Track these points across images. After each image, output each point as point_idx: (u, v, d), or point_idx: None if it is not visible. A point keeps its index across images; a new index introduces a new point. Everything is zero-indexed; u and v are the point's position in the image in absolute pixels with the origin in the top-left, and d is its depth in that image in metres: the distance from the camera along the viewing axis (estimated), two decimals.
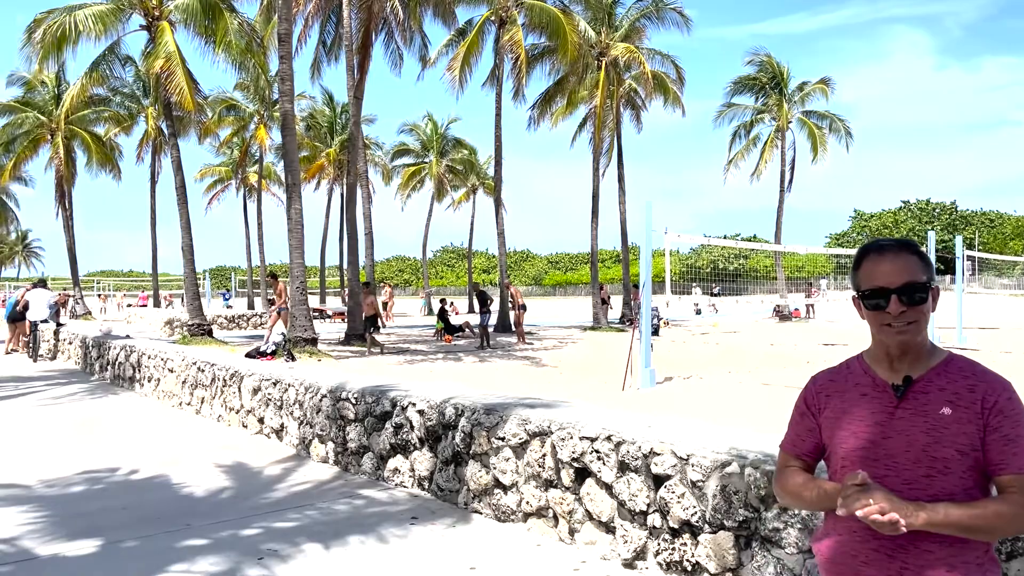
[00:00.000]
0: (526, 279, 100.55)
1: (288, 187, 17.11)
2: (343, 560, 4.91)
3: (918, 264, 1.91)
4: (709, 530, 4.18)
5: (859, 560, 1.91)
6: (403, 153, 49.61)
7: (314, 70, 26.11)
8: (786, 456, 2.14)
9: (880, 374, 1.97)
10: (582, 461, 4.94)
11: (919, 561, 1.83)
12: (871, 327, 1.96)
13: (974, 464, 1.84)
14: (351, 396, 7.18)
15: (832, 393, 2.03)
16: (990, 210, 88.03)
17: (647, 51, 28.97)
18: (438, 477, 6.15)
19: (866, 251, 1.98)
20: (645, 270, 12.57)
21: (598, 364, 16.37)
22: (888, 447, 1.89)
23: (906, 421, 1.88)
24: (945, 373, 1.91)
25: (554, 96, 29.07)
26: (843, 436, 1.97)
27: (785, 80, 34.96)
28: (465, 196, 52.48)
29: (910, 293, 1.88)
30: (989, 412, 1.84)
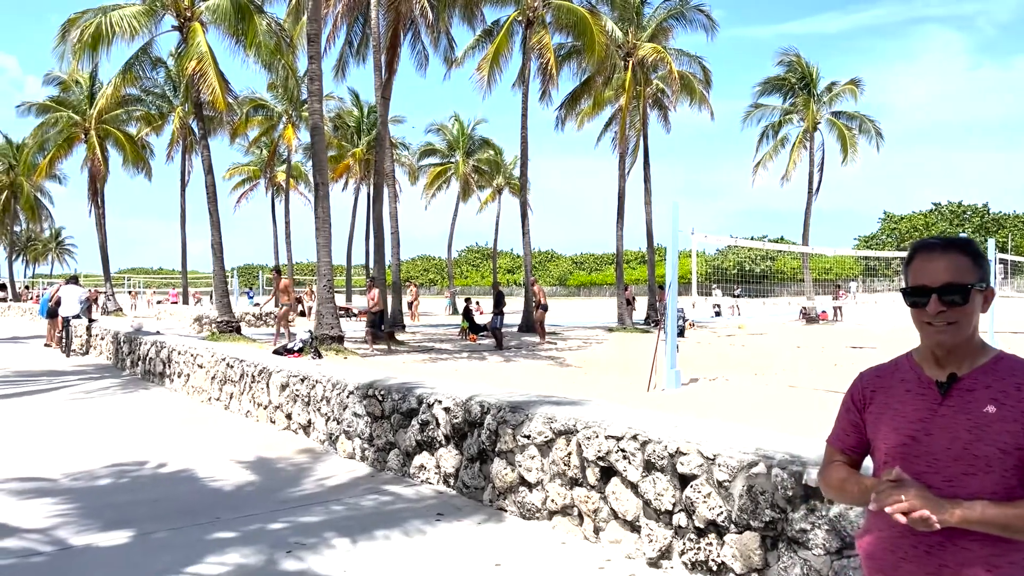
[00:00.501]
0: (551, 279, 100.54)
1: (316, 186, 17.26)
2: (370, 554, 4.96)
3: (967, 264, 1.89)
4: (735, 530, 4.17)
5: (898, 556, 1.91)
6: (430, 153, 49.88)
7: (339, 70, 26.38)
8: (831, 450, 2.15)
9: (926, 371, 1.97)
10: (607, 460, 4.94)
11: (958, 559, 1.82)
12: (914, 324, 1.96)
13: (1018, 463, 1.81)
14: (378, 393, 7.24)
15: (878, 389, 2.04)
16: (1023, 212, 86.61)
17: (674, 51, 28.89)
18: (464, 474, 6.18)
19: (918, 248, 1.98)
20: (671, 271, 12.53)
21: (623, 364, 16.35)
22: (929, 444, 1.88)
23: (949, 418, 1.88)
24: (993, 371, 1.90)
25: (580, 96, 29.05)
26: (886, 432, 1.97)
27: (814, 80, 34.64)
28: (491, 196, 52.67)
29: (950, 294, 1.87)
30: None
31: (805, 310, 33.78)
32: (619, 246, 29.77)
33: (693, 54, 29.80)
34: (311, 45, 16.95)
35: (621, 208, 29.28)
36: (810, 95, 34.48)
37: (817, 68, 34.56)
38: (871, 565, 2.00)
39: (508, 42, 25.75)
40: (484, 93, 25.27)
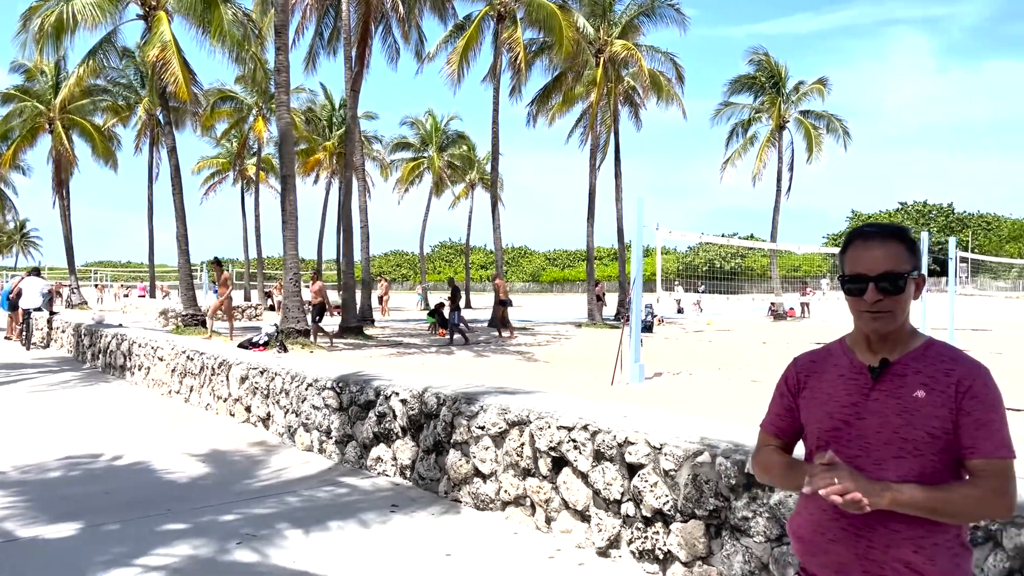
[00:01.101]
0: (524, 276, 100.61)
1: (283, 179, 17.11)
2: (322, 545, 4.94)
3: (903, 253, 1.92)
4: (681, 519, 4.22)
5: (827, 538, 1.94)
6: (402, 147, 49.61)
7: (309, 63, 26.11)
8: (765, 435, 2.17)
9: (859, 357, 1.99)
10: (559, 450, 4.98)
11: (885, 540, 1.86)
12: (851, 311, 1.98)
13: (945, 447, 1.85)
14: (335, 385, 7.21)
15: (811, 374, 2.06)
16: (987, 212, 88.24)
17: (646, 48, 28.95)
18: (419, 466, 6.18)
19: (854, 236, 1.99)
20: (636, 266, 12.60)
21: (590, 359, 16.40)
22: (861, 428, 1.91)
23: (880, 403, 1.90)
24: (923, 357, 1.93)
25: (552, 92, 29.05)
26: (819, 416, 1.99)
27: (783, 79, 34.93)
28: (464, 192, 52.56)
29: (888, 282, 1.89)
30: (963, 396, 1.85)
31: (773, 307, 34.10)
32: (589, 242, 29.83)
33: (665, 51, 29.86)
34: (278, 36, 16.78)
35: (592, 205, 29.35)
36: (779, 94, 34.77)
37: (786, 67, 34.88)
38: (801, 547, 2.03)
39: (479, 37, 25.70)
40: (454, 87, 25.22)
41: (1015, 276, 66.77)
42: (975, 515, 1.91)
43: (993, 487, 1.82)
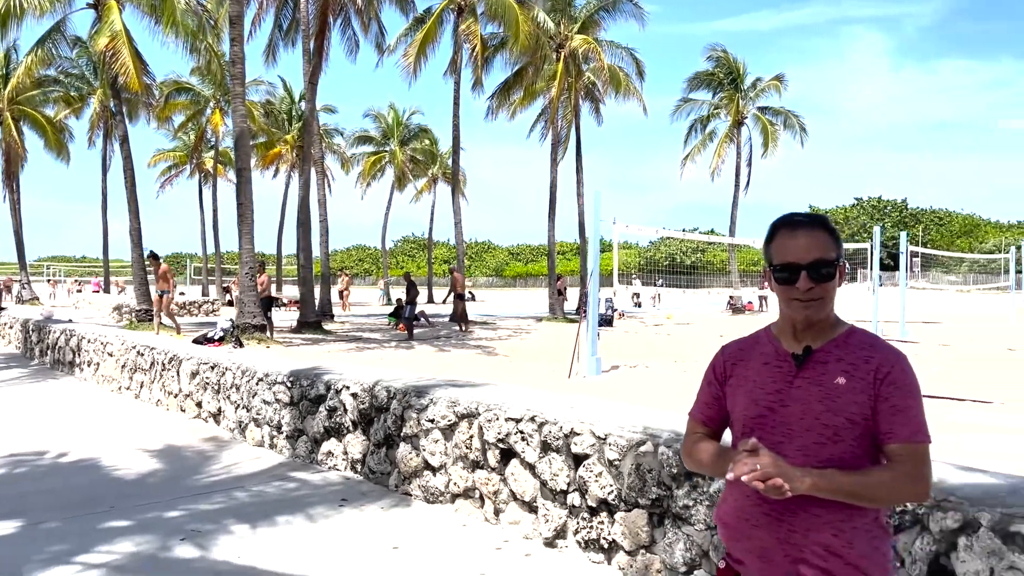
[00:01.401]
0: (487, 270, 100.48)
1: (238, 172, 16.89)
2: (268, 539, 4.90)
3: (828, 241, 1.95)
4: (624, 508, 4.25)
5: (751, 523, 1.96)
6: (364, 141, 49.27)
7: (269, 55, 25.84)
8: (693, 423, 2.18)
9: (784, 344, 2.01)
10: (507, 442, 4.99)
11: (805, 525, 1.88)
12: (779, 300, 2.00)
13: (864, 432, 1.88)
14: (286, 380, 7.15)
15: (738, 362, 2.08)
16: (939, 208, 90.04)
17: (607, 43, 29.05)
18: (370, 460, 6.15)
19: (779, 225, 2.01)
20: (592, 259, 12.67)
21: (549, 353, 16.45)
22: (785, 414, 1.94)
23: (803, 390, 1.93)
24: (845, 345, 1.96)
25: (513, 87, 29.05)
26: (744, 403, 2.02)
27: (741, 76, 35.34)
28: (427, 186, 52.35)
29: (819, 269, 1.91)
30: (881, 383, 1.88)
31: (732, 300, 34.53)
32: (551, 237, 29.92)
33: (625, 46, 30.02)
34: (233, 27, 16.54)
35: (553, 199, 29.42)
36: (737, 90, 35.21)
37: (744, 64, 35.33)
38: (726, 533, 2.06)
39: (438, 29, 25.60)
40: (410, 80, 25.09)
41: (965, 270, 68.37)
42: (892, 499, 1.95)
43: (908, 471, 1.86)
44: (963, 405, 9.68)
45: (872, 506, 1.90)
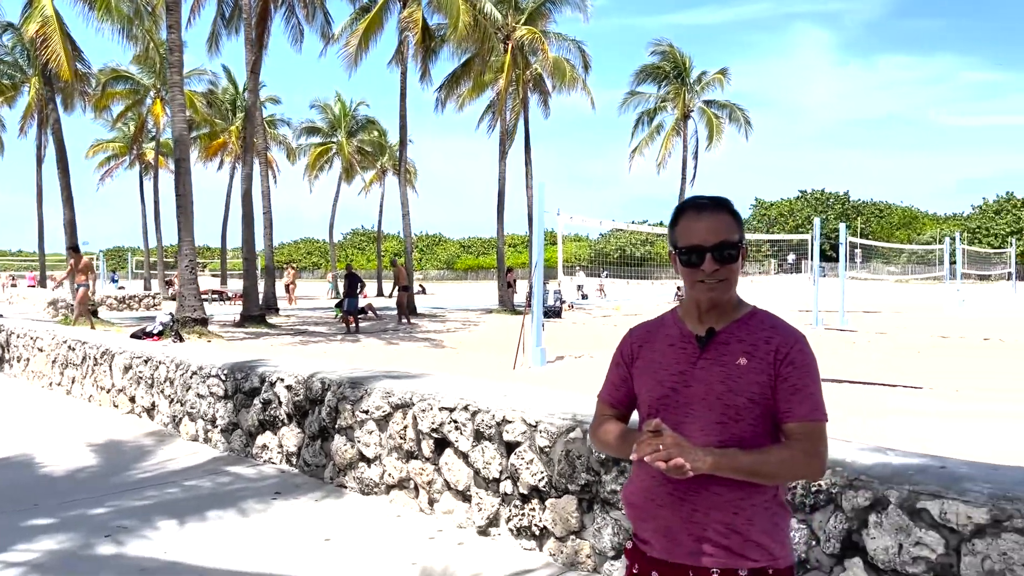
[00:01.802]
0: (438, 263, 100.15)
1: (177, 162, 16.50)
2: (197, 535, 4.81)
3: (731, 223, 1.97)
4: (555, 494, 4.27)
5: (655, 503, 1.98)
6: (311, 132, 48.64)
7: (212, 43, 25.25)
8: (602, 405, 2.20)
9: (689, 326, 2.03)
10: (441, 431, 4.97)
11: (707, 504, 1.91)
12: (685, 282, 2.02)
13: (765, 412, 1.92)
14: (220, 373, 7.02)
15: (644, 344, 2.10)
16: (880, 200, 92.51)
17: (554, 35, 29.12)
18: (305, 452, 6.08)
19: (684, 208, 2.02)
20: (537, 251, 12.70)
21: (497, 344, 16.47)
22: (688, 395, 1.96)
23: (706, 371, 1.95)
24: (746, 326, 1.99)
25: (460, 78, 28.94)
26: (650, 384, 2.04)
27: (687, 70, 35.75)
28: (375, 178, 51.91)
29: (723, 251, 1.93)
30: (781, 363, 1.91)
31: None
32: (499, 229, 29.92)
33: (572, 38, 30.14)
34: (170, 14, 16.14)
35: (501, 192, 29.42)
36: (683, 84, 35.62)
37: (690, 58, 35.77)
38: (633, 513, 2.07)
39: (382, 18, 25.34)
40: (351, 69, 24.79)
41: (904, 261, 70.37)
42: (790, 476, 1.99)
43: (805, 449, 1.89)
44: (895, 391, 9.96)
45: (771, 483, 1.93)
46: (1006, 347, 15.28)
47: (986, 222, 77.12)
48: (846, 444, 3.51)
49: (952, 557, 2.85)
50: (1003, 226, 74.14)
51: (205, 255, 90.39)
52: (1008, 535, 2.72)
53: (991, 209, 79.66)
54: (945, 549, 2.87)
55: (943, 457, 3.32)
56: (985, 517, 2.77)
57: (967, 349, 14.97)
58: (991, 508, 2.77)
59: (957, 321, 22.56)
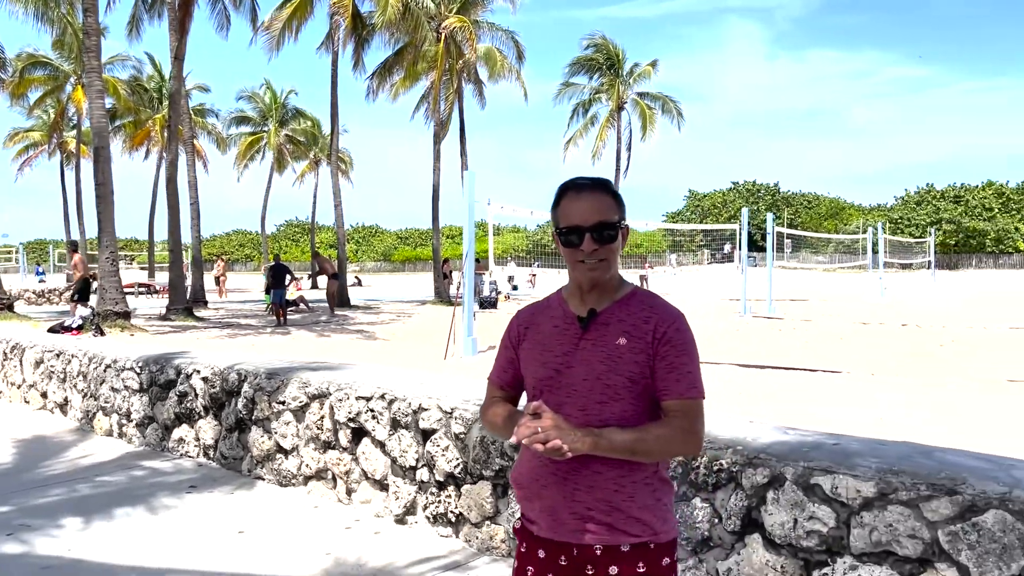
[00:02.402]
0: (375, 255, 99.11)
1: (95, 151, 15.94)
2: (104, 531, 4.66)
3: (611, 204, 1.98)
4: (470, 481, 4.28)
5: (540, 483, 1.99)
6: (241, 121, 47.56)
7: (133, 28, 24.48)
8: (492, 387, 2.20)
9: (572, 307, 2.04)
10: (358, 421, 4.92)
11: (589, 482, 1.93)
12: (567, 263, 2.02)
13: (644, 391, 1.94)
14: (135, 366, 6.82)
15: (531, 326, 2.10)
16: (808, 192, 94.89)
17: (487, 25, 29.03)
18: (222, 445, 5.96)
19: (565, 189, 2.02)
20: (467, 241, 12.67)
21: (430, 335, 16.39)
22: (570, 376, 1.97)
23: (588, 351, 1.97)
24: (626, 306, 2.00)
25: (393, 67, 28.62)
26: (535, 366, 2.04)
27: (620, 62, 36.09)
28: (309, 168, 51.10)
29: (601, 231, 1.94)
30: (659, 342, 1.94)
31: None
32: (435, 220, 29.79)
33: (506, 29, 30.09)
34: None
35: (436, 182, 29.27)
36: (617, 75, 35.94)
37: (623, 50, 36.11)
38: (520, 493, 2.08)
39: (310, 4, 24.84)
40: (271, 54, 24.27)
41: (832, 251, 72.48)
42: (667, 453, 1.99)
43: (683, 426, 1.93)
44: (815, 375, 10.26)
45: (649, 460, 1.95)
46: (922, 332, 15.88)
47: (908, 213, 79.90)
48: (748, 424, 3.59)
49: (843, 530, 2.95)
50: (923, 217, 76.92)
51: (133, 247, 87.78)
52: (893, 507, 2.82)
53: (912, 200, 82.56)
54: (836, 522, 2.96)
55: (837, 435, 3.42)
56: (872, 490, 2.87)
57: (886, 335, 15.51)
58: (878, 482, 2.87)
59: (879, 308, 23.33)
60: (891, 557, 2.83)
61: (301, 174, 51.49)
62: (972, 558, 2.65)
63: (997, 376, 9.80)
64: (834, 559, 2.97)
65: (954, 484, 2.74)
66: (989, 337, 14.74)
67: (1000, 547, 2.60)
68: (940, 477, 2.78)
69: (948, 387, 9.03)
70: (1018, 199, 78.96)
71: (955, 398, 8.30)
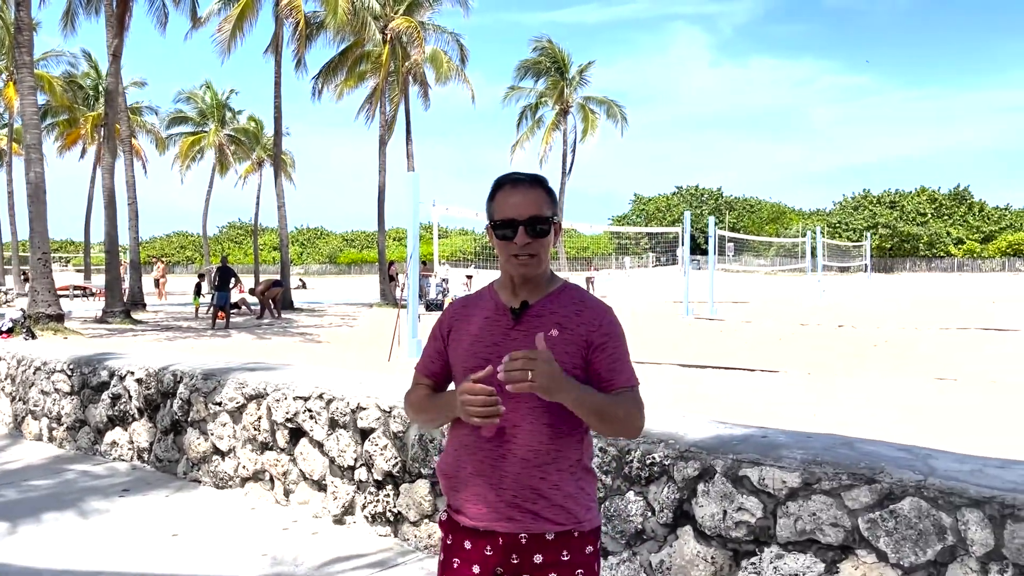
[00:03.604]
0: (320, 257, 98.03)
1: (26, 148, 15.46)
2: (31, 536, 4.53)
3: (545, 199, 2.02)
4: (409, 479, 4.27)
5: (467, 471, 2.02)
6: (180, 121, 46.53)
7: (67, 22, 23.82)
8: (418, 376, 2.22)
9: (503, 299, 2.08)
10: (296, 421, 4.88)
11: (515, 470, 1.97)
12: (500, 256, 2.05)
13: (573, 379, 1.97)
14: (66, 368, 6.64)
15: (461, 318, 2.13)
16: (750, 196, 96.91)
17: (432, 27, 28.97)
18: (157, 448, 5.84)
19: (501, 184, 2.06)
20: (411, 243, 12.62)
21: (375, 338, 16.28)
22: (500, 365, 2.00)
23: (519, 342, 1.99)
24: (558, 299, 2.05)
25: (338, 67, 28.40)
26: (464, 356, 2.07)
27: (566, 65, 36.38)
28: (251, 169, 50.27)
29: (535, 226, 1.98)
30: (594, 334, 2.00)
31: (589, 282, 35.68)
32: (380, 222, 29.61)
33: (451, 31, 30.07)
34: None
35: (382, 184, 29.10)
36: (562, 78, 36.21)
37: (568, 54, 36.42)
38: (447, 484, 2.10)
39: (256, 4, 24.51)
40: (223, 56, 23.92)
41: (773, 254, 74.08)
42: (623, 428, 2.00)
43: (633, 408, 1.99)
44: (753, 375, 10.48)
45: (607, 429, 1.99)
46: (856, 333, 16.35)
47: (845, 217, 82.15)
48: (681, 419, 3.67)
49: (769, 520, 3.03)
50: (860, 221, 79.18)
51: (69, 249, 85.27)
52: (817, 496, 2.92)
53: (850, 205, 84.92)
54: (763, 513, 3.04)
55: (766, 428, 3.52)
56: (797, 481, 2.96)
57: (822, 336, 15.92)
58: (802, 472, 2.96)
59: (817, 310, 23.93)
60: (815, 545, 2.92)
61: (244, 175, 50.68)
62: (890, 544, 2.75)
63: (925, 374, 10.15)
64: (761, 549, 3.05)
65: (873, 473, 2.84)
66: (920, 338, 15.24)
67: (916, 533, 2.70)
68: (860, 467, 2.88)
69: (878, 383, 9.32)
70: (949, 205, 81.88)
71: (886, 394, 8.57)
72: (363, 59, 27.46)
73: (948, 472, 2.78)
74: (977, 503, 2.61)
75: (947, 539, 2.66)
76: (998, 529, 2.56)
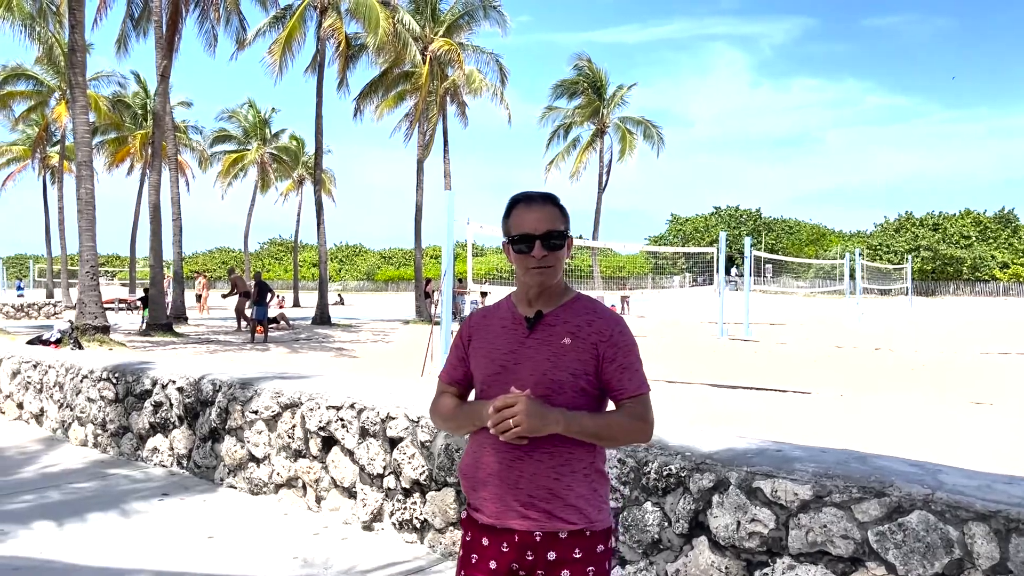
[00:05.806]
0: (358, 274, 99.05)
1: (78, 165, 16.02)
2: (76, 534, 4.74)
3: (558, 215, 2.18)
4: (435, 488, 4.40)
5: (485, 472, 2.16)
6: (224, 139, 47.62)
7: (121, 45, 24.60)
8: (442, 384, 2.37)
9: (520, 310, 2.23)
10: (328, 430, 5.04)
11: (531, 471, 2.10)
12: (517, 269, 2.21)
13: (585, 387, 2.12)
14: (111, 376, 6.90)
15: (482, 327, 2.28)
16: (790, 218, 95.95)
17: (471, 48, 29.40)
18: (196, 454, 6.05)
19: (516, 201, 2.22)
20: (446, 260, 12.81)
21: (409, 354, 16.50)
22: (517, 372, 2.14)
23: (534, 349, 2.15)
24: (571, 309, 2.19)
25: (378, 87, 28.92)
26: (483, 363, 2.22)
27: (604, 85, 36.59)
28: (292, 187, 51.16)
29: (550, 239, 2.13)
30: (604, 344, 2.13)
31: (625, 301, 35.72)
32: (417, 239, 29.97)
33: (490, 51, 30.46)
34: (72, 13, 15.69)
35: (419, 202, 29.49)
36: (600, 98, 36.40)
37: (607, 74, 36.62)
38: (467, 484, 2.24)
39: (301, 27, 25.16)
40: (275, 78, 24.58)
41: (812, 276, 73.18)
42: (627, 440, 2.19)
43: (640, 415, 2.13)
44: (785, 395, 10.46)
45: (610, 446, 2.15)
46: (893, 356, 16.15)
47: (887, 239, 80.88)
48: (698, 432, 3.75)
49: (782, 531, 3.11)
50: (902, 243, 77.90)
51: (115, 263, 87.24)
52: (828, 509, 2.99)
53: (891, 227, 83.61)
54: (776, 524, 3.12)
55: (781, 442, 3.59)
56: (809, 493, 3.04)
57: (858, 358, 15.77)
58: (814, 485, 3.04)
59: (854, 333, 23.63)
60: (825, 557, 2.99)
61: (284, 192, 51.59)
62: (899, 556, 2.81)
63: (961, 397, 10.04)
64: (774, 559, 3.12)
65: (883, 487, 2.90)
66: (960, 362, 15.02)
67: (924, 546, 2.76)
68: (870, 481, 2.95)
69: (913, 406, 9.25)
70: (995, 228, 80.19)
71: (918, 416, 8.51)
72: (403, 79, 27.94)
73: (956, 487, 2.83)
74: (983, 517, 2.66)
75: (954, 552, 2.71)
76: (1003, 543, 2.62)
